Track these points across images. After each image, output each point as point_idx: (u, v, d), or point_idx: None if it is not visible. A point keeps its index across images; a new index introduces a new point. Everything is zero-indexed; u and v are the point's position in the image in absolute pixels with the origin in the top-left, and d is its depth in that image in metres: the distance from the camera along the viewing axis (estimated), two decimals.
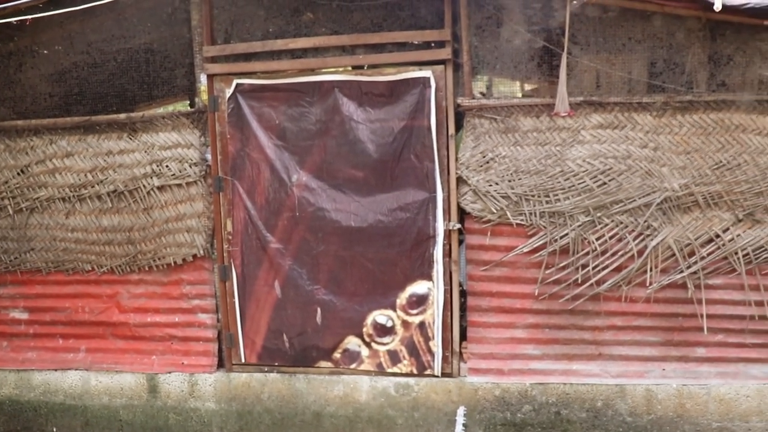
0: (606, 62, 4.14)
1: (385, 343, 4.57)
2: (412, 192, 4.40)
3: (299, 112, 4.47)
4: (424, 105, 4.28)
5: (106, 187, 4.83)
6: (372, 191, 4.44)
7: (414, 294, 4.48)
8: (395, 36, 4.29)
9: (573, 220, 4.24)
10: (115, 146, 4.81)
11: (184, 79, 4.75)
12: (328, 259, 4.56)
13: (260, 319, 4.71)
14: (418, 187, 4.38)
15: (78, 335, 5.08)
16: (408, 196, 4.41)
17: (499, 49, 4.22)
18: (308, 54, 4.45)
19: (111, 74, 4.81)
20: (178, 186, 4.75)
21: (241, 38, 4.54)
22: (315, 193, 4.51)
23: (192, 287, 4.87)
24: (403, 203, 4.42)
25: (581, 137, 4.21)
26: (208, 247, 4.77)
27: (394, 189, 4.42)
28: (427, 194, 4.38)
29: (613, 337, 4.37)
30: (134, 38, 4.72)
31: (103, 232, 4.91)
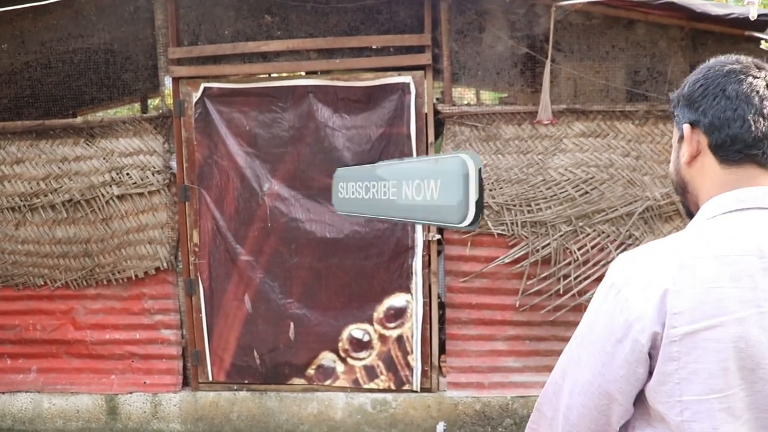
0: (589, 70, 4.08)
1: (361, 358, 4.41)
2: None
3: (271, 118, 4.27)
4: (403, 112, 4.14)
5: (60, 196, 4.52)
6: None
7: (392, 307, 4.33)
8: (373, 40, 4.14)
9: (555, 230, 4.17)
10: (71, 152, 4.51)
11: (146, 81, 4.48)
12: (302, 272, 4.37)
13: (229, 334, 4.48)
14: None
15: (29, 354, 4.75)
16: None
17: (481, 55, 4.12)
18: (282, 57, 4.25)
19: (67, 76, 4.50)
20: (140, 195, 4.48)
21: (209, 39, 4.31)
22: (288, 202, 4.31)
23: (154, 302, 4.61)
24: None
25: (563, 146, 4.15)
26: (172, 259, 4.52)
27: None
28: None
29: None
30: (92, 37, 4.43)
31: (57, 244, 4.60)
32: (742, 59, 1.28)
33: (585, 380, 1.24)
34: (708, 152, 1.26)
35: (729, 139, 1.23)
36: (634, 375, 1.18)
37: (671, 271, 1.16)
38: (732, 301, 1.13)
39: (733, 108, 1.22)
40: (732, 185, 1.24)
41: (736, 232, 1.19)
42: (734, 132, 1.22)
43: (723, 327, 1.12)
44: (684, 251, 1.18)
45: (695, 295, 1.14)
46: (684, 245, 1.20)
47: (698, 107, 1.26)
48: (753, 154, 1.22)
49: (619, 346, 1.18)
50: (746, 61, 1.27)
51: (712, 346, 1.12)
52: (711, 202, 1.25)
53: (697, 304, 1.13)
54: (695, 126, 1.27)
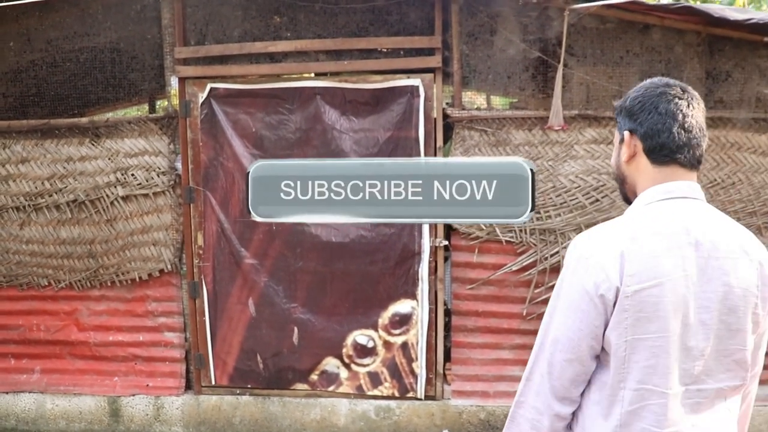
0: (603, 75, 3.99)
1: (365, 365, 4.34)
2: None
3: (278, 120, 4.21)
4: (411, 115, 4.07)
5: (65, 196, 4.48)
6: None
7: (397, 313, 4.27)
8: (382, 42, 4.07)
9: (564, 238, 4.08)
10: (76, 152, 4.47)
11: (152, 81, 4.42)
12: (307, 276, 4.31)
13: (232, 338, 4.43)
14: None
15: (32, 355, 4.71)
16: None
17: (492, 59, 4.04)
18: (289, 58, 4.19)
19: (72, 75, 4.45)
20: (145, 196, 4.44)
21: (216, 39, 4.25)
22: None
23: (158, 304, 4.57)
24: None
25: (574, 152, 4.06)
26: (176, 261, 4.47)
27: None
28: None
29: None
30: (99, 36, 4.38)
31: (61, 244, 4.56)
32: (671, 83, 1.65)
33: (566, 338, 1.60)
34: (642, 154, 1.65)
35: (659, 146, 1.62)
36: (603, 323, 1.57)
37: (625, 243, 1.55)
38: (666, 267, 1.54)
39: (662, 122, 1.61)
40: (661, 180, 1.63)
41: (668, 215, 1.60)
42: (663, 141, 1.62)
43: (660, 286, 1.53)
44: (632, 229, 1.58)
45: (641, 262, 1.54)
46: (631, 225, 1.60)
47: (636, 119, 1.65)
48: (676, 157, 1.63)
49: (592, 303, 1.56)
50: (674, 84, 1.65)
51: (652, 300, 1.53)
52: (647, 192, 1.64)
53: (643, 269, 1.53)
54: (633, 133, 1.66)
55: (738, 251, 1.60)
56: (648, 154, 1.64)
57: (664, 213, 1.60)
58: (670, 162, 1.63)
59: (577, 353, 1.60)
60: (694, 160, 1.64)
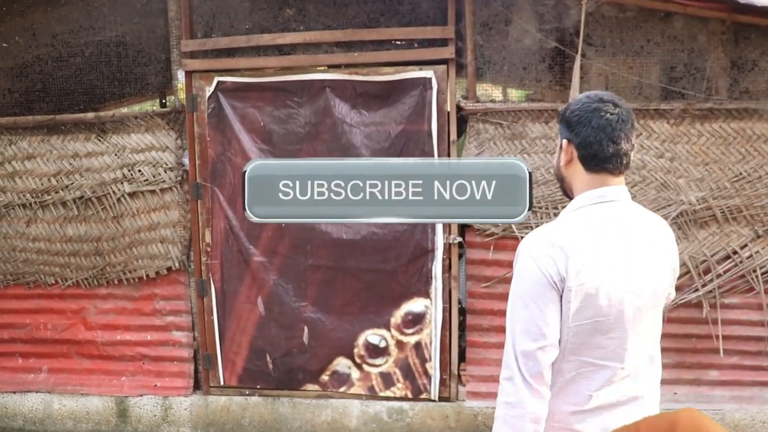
0: (622, 65, 3.85)
1: (377, 365, 4.23)
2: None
3: (287, 114, 4.10)
4: (424, 108, 3.94)
5: (71, 193, 4.41)
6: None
7: (410, 312, 4.15)
8: (394, 32, 3.94)
9: None
10: (82, 148, 4.39)
11: (159, 75, 4.34)
12: (317, 274, 4.20)
13: (241, 338, 4.34)
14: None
15: (39, 354, 4.64)
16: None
17: (507, 49, 3.91)
18: (298, 50, 4.08)
19: (78, 69, 4.37)
20: (152, 192, 4.35)
21: (223, 32, 4.15)
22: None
23: (166, 303, 4.48)
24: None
25: None
26: (184, 259, 4.38)
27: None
28: None
29: None
30: (104, 30, 4.29)
31: (68, 242, 4.48)
32: (605, 98, 1.86)
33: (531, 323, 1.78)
34: (578, 161, 1.87)
35: (590, 156, 1.84)
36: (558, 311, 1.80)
37: (568, 243, 1.78)
38: (600, 265, 1.79)
39: (594, 136, 1.83)
40: (594, 185, 1.86)
41: (601, 217, 1.84)
42: (594, 152, 1.84)
43: (593, 280, 1.78)
44: (571, 231, 1.81)
45: (581, 260, 1.77)
46: (571, 227, 1.83)
47: (573, 130, 1.87)
48: (605, 166, 1.85)
49: (553, 289, 1.78)
50: (608, 100, 1.86)
51: (587, 291, 1.78)
52: (582, 195, 1.87)
53: (582, 267, 1.77)
54: (570, 142, 1.88)
55: (658, 245, 1.91)
56: (581, 162, 1.87)
57: (598, 216, 1.85)
58: (600, 170, 1.86)
59: (548, 338, 1.78)
60: (621, 167, 1.88)
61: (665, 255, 1.92)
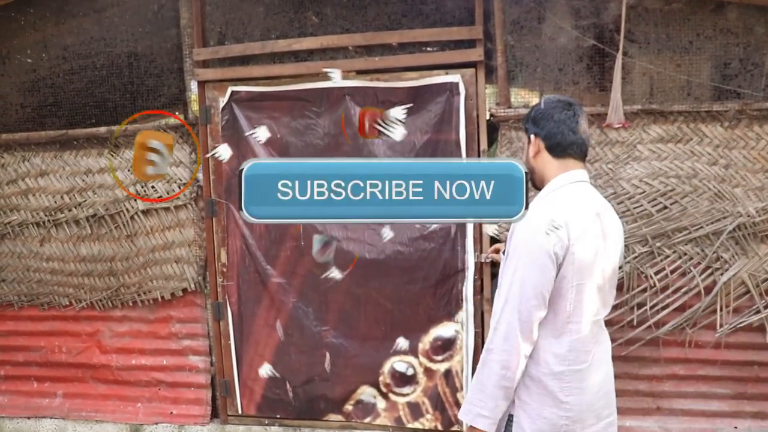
0: (669, 63, 3.49)
1: (405, 394, 3.91)
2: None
3: (304, 125, 3.85)
4: (451, 115, 3.64)
5: (84, 211, 4.23)
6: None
7: (439, 337, 3.83)
8: (417, 34, 3.65)
9: (628, 252, 3.59)
10: (95, 164, 4.21)
11: (172, 86, 4.12)
12: (339, 296, 3.92)
13: (260, 364, 4.06)
14: None
15: (54, 378, 4.48)
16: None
17: (541, 49, 3.58)
18: (315, 56, 3.82)
19: (89, 82, 4.20)
20: (166, 210, 4.14)
21: (237, 39, 3.92)
22: None
23: (182, 326, 4.26)
24: (426, 231, 3.76)
25: (638, 153, 3.57)
26: (200, 280, 4.16)
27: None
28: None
29: (675, 389, 3.71)
30: (115, 41, 4.11)
31: (81, 261, 4.30)
32: (562, 99, 2.37)
33: (532, 287, 2.16)
34: (545, 151, 2.33)
35: (556, 144, 2.31)
36: (555, 274, 2.18)
37: (566, 214, 2.18)
38: (590, 232, 2.23)
39: (557, 127, 2.31)
40: (563, 169, 2.31)
41: (578, 195, 2.29)
42: (558, 140, 2.31)
43: (588, 246, 2.21)
44: (564, 205, 2.23)
45: (578, 228, 2.18)
46: (561, 202, 2.25)
47: (538, 125, 2.34)
48: (569, 151, 2.32)
49: (550, 259, 2.15)
50: (563, 99, 2.37)
51: (585, 255, 2.20)
52: (558, 177, 2.31)
53: (580, 233, 2.19)
54: (537, 135, 2.35)
55: (615, 219, 2.38)
56: (549, 151, 2.32)
57: (576, 193, 2.28)
58: (566, 156, 2.31)
59: (541, 299, 2.17)
60: (581, 153, 2.35)
61: (620, 231, 2.43)
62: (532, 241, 2.16)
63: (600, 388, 2.33)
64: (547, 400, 2.24)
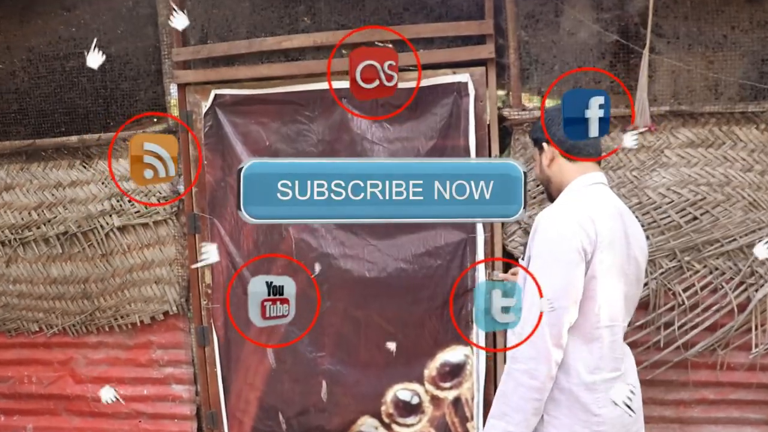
0: (700, 60, 3.19)
1: (410, 425, 3.57)
2: (444, 232, 3.41)
3: (296, 131, 3.49)
4: (459, 119, 3.31)
5: (54, 228, 3.86)
6: (392, 232, 3.44)
7: (447, 363, 3.49)
8: (420, 30, 3.31)
9: (654, 267, 3.29)
10: (66, 177, 3.85)
11: (149, 90, 3.76)
12: (336, 319, 3.56)
13: (249, 393, 3.71)
14: (452, 225, 3.39)
15: (24, 411, 4.11)
16: (439, 238, 3.41)
17: (558, 46, 3.26)
18: (307, 55, 3.47)
19: (58, 87, 3.82)
20: (144, 226, 3.78)
21: (220, 37, 3.57)
22: (317, 234, 3.51)
23: (164, 352, 3.91)
24: (432, 247, 3.42)
25: (665, 159, 3.27)
26: (183, 302, 3.80)
27: (420, 229, 3.42)
28: (463, 235, 3.40)
29: (704, 415, 3.43)
30: (86, 41, 3.74)
31: (52, 283, 3.94)
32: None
33: (562, 288, 2.07)
34: (559, 157, 2.33)
35: (572, 146, 2.29)
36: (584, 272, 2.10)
37: (591, 212, 2.14)
38: (615, 231, 2.17)
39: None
40: (582, 171, 2.30)
41: (600, 196, 2.26)
42: (573, 142, 2.25)
43: (613, 244, 2.15)
44: (587, 205, 2.19)
45: (604, 226, 2.14)
46: (585, 202, 2.21)
47: (549, 131, 2.33)
48: (586, 152, 2.31)
49: (579, 256, 2.09)
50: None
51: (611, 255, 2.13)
52: (577, 180, 2.29)
53: (606, 231, 2.14)
54: (550, 142, 2.34)
55: (637, 225, 2.32)
56: (564, 155, 2.29)
57: (598, 194, 2.24)
58: (582, 156, 2.28)
59: (571, 299, 2.05)
60: (597, 152, 2.34)
61: (643, 237, 2.34)
62: (559, 238, 2.09)
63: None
64: (578, 414, 2.11)
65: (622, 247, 2.18)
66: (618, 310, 2.19)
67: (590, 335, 2.12)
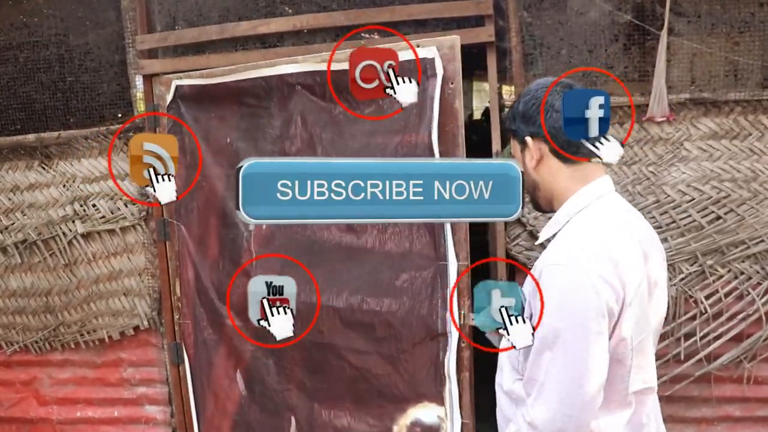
0: (725, 42, 2.91)
1: None
2: (411, 257, 2.78)
3: (256, 126, 3.04)
4: (424, 108, 2.68)
5: (12, 236, 3.56)
6: (354, 251, 2.88)
7: (418, 422, 2.88)
8: (413, 11, 2.97)
9: (674, 272, 3.02)
10: (23, 179, 3.53)
11: (113, 83, 3.43)
12: (301, 352, 3.03)
13: (221, 420, 3.31)
14: (423, 249, 2.77)
15: None
16: (406, 264, 2.79)
17: (566, 27, 2.95)
18: (287, 41, 3.13)
19: (11, 80, 3.49)
20: (111, 232, 3.47)
21: (190, 22, 3.23)
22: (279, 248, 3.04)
23: (135, 370, 3.62)
24: (397, 273, 2.81)
25: (685, 152, 2.99)
26: (155, 315, 3.50)
27: (383, 249, 2.84)
28: (431, 263, 2.75)
29: None
30: (42, 28, 3.41)
31: (11, 296, 3.64)
32: (550, 79, 1.73)
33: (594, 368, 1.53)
34: (550, 156, 1.72)
35: (565, 142, 1.68)
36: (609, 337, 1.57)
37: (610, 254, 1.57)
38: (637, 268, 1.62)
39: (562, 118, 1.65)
40: (581, 180, 1.71)
41: (610, 216, 1.67)
42: (567, 137, 1.66)
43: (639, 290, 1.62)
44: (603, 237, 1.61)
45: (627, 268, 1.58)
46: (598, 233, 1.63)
47: (535, 121, 1.71)
48: (584, 150, 1.68)
49: (605, 320, 1.54)
50: (560, 81, 1.71)
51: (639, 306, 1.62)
52: (575, 197, 1.71)
53: (632, 274, 1.59)
54: (535, 136, 1.72)
55: (653, 235, 1.77)
56: (556, 154, 1.71)
57: (607, 215, 1.68)
58: (580, 156, 1.69)
59: (598, 383, 1.55)
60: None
61: (662, 249, 1.81)
62: (575, 296, 1.54)
63: None
64: None
65: (645, 286, 1.66)
66: (651, 366, 1.73)
67: (617, 403, 1.67)
